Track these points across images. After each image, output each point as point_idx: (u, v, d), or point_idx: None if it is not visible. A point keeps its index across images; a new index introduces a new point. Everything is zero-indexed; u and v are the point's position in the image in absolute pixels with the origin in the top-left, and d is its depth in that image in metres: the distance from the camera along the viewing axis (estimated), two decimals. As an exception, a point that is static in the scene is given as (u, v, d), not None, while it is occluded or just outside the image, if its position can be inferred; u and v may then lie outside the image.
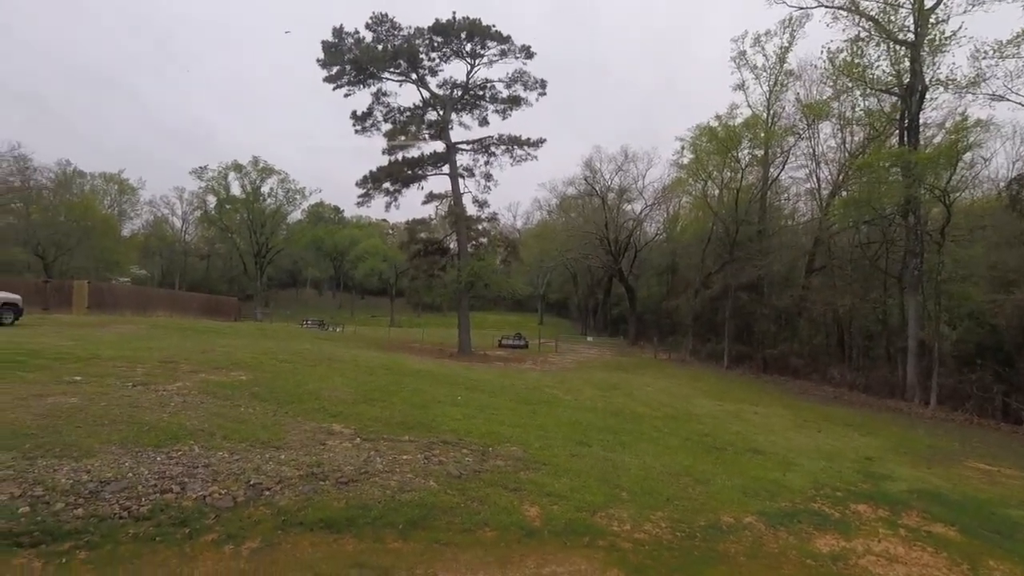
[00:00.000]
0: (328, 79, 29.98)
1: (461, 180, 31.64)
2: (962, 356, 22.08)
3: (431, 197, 32.06)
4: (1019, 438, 15.76)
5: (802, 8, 26.31)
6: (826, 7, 23.67)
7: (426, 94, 31.67)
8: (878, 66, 22.50)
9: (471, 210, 32.05)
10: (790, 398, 20.86)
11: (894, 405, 20.11)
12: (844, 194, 27.84)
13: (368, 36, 29.38)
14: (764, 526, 5.49)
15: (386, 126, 31.78)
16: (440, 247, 33.20)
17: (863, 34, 22.40)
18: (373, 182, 30.91)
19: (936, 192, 20.85)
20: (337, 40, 29.18)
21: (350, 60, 29.37)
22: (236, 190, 64.70)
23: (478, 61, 30.83)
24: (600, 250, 47.98)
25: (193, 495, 4.27)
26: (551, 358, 29.94)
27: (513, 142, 31.64)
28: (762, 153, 32.25)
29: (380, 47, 29.29)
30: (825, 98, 27.70)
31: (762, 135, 31.00)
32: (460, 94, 32.05)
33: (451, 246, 33.52)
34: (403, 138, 31.11)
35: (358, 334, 38.75)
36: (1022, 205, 20.44)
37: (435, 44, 30.08)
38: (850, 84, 24.06)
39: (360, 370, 12.71)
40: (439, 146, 31.82)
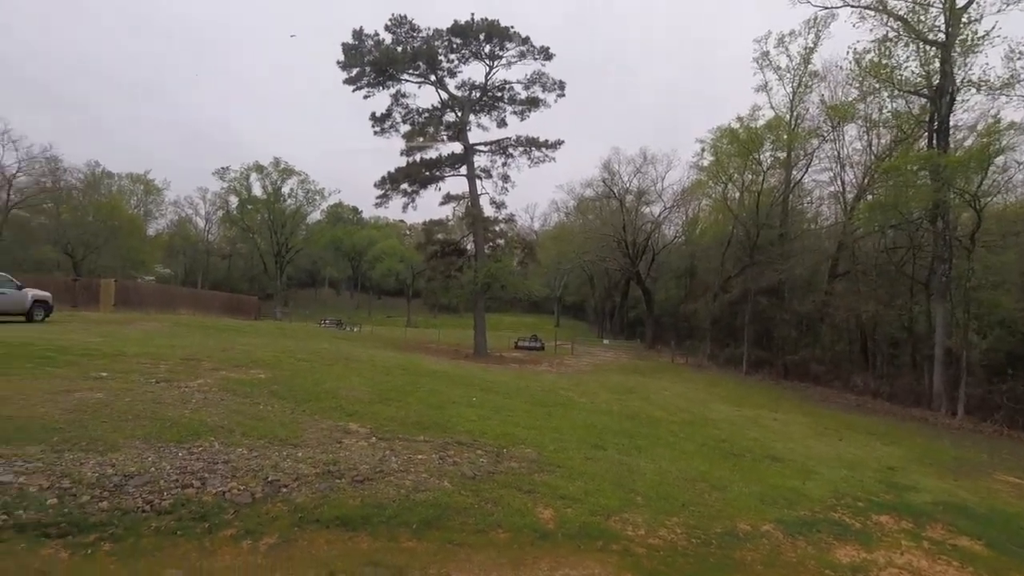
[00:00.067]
0: (348, 81, 30.39)
1: (478, 181, 31.81)
2: (992, 365, 21.46)
3: (448, 198, 32.30)
4: (1051, 450, 15.25)
5: (827, 8, 25.86)
6: (852, 7, 23.21)
7: (444, 95, 31.92)
8: (907, 67, 21.97)
9: (488, 211, 32.22)
10: (810, 405, 20.47)
11: (919, 414, 19.61)
12: (870, 198, 27.24)
13: (387, 38, 29.76)
14: (782, 535, 5.39)
15: (405, 127, 32.12)
16: (457, 248, 33.35)
17: (891, 34, 21.90)
18: (391, 183, 31.20)
19: (966, 196, 20.31)
20: (357, 42, 29.56)
21: (370, 62, 29.72)
22: (257, 191, 65.92)
23: (496, 62, 30.97)
24: (617, 252, 47.67)
25: (213, 490, 4.35)
26: (567, 360, 29.84)
27: (531, 143, 31.68)
28: (784, 155, 31.77)
29: (399, 49, 29.59)
30: (851, 100, 27.13)
31: (785, 137, 30.55)
32: (478, 95, 32.19)
33: (468, 247, 33.68)
34: (421, 139, 31.35)
35: (375, 334, 39.10)
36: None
37: (454, 46, 30.29)
38: (877, 85, 23.53)
39: (376, 370, 12.82)
40: (457, 147, 32.05)
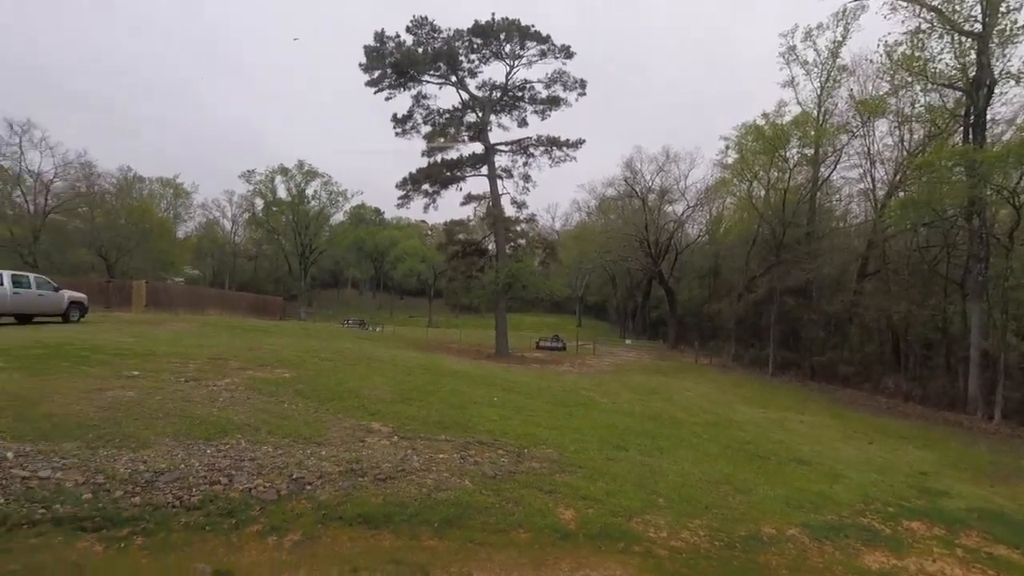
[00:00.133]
0: (370, 83, 30.67)
1: (499, 181, 31.79)
2: (1031, 368, 20.65)
3: (469, 198, 32.36)
4: (1096, 456, 14.61)
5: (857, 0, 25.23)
6: (883, -2, 22.56)
7: (465, 96, 31.99)
8: (941, 59, 21.19)
9: (509, 211, 32.19)
10: (839, 407, 20.00)
11: (953, 418, 18.98)
12: (901, 195, 26.42)
13: (409, 40, 29.92)
14: (808, 539, 5.28)
15: (426, 128, 32.28)
16: (478, 248, 33.43)
17: (924, 26, 21.15)
18: (412, 184, 31.41)
19: (1004, 193, 19.55)
20: (378, 45, 29.81)
21: (391, 64, 29.97)
22: (282, 193, 66.92)
23: (517, 62, 30.93)
24: (640, 252, 47.21)
25: (240, 487, 4.46)
26: (589, 360, 29.69)
27: (552, 143, 31.58)
28: (812, 152, 30.99)
29: (420, 50, 29.77)
30: (881, 94, 26.33)
31: (812, 133, 29.80)
32: (499, 95, 32.20)
33: (489, 247, 33.72)
34: (442, 140, 31.52)
35: (397, 334, 39.47)
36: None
37: (474, 46, 30.34)
38: (909, 79, 22.79)
39: (399, 370, 12.95)
40: (478, 147, 32.12)
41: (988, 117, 20.78)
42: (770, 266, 32.41)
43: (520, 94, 32.39)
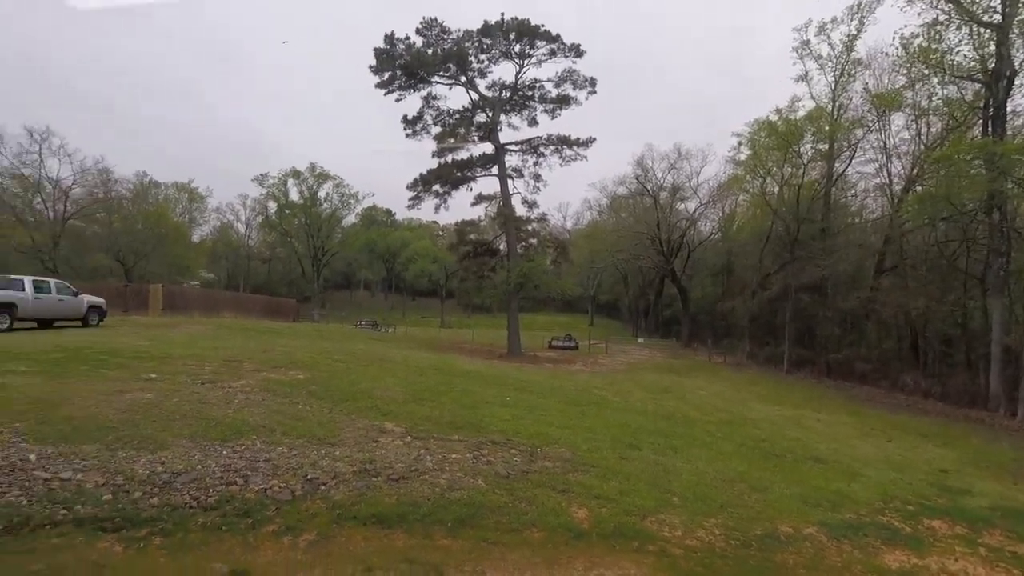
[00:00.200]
0: (380, 85, 30.88)
1: (510, 181, 31.83)
2: (1055, 363, 20.19)
3: (480, 198, 32.45)
4: (1123, 454, 14.25)
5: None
6: (900, -11, 22.17)
7: (475, 96, 32.07)
8: (959, 51, 20.79)
9: (520, 211, 32.25)
10: (856, 405, 19.71)
11: (974, 415, 18.62)
12: (919, 189, 26.02)
13: (418, 41, 30.08)
14: (826, 538, 5.20)
15: (436, 129, 32.44)
16: (489, 248, 33.49)
17: (942, 17, 20.76)
18: (423, 184, 31.56)
19: (1025, 185, 19.21)
20: (388, 46, 29.99)
21: (401, 65, 30.13)
22: (295, 195, 67.52)
23: (527, 61, 30.96)
24: (652, 250, 46.93)
25: (255, 488, 4.50)
26: (601, 359, 29.59)
27: (562, 142, 31.55)
28: (826, 147, 30.57)
29: (430, 52, 29.90)
30: (898, 87, 25.91)
31: (827, 128, 29.39)
32: (509, 95, 32.22)
33: (500, 247, 33.77)
34: (452, 140, 31.65)
35: (409, 335, 39.64)
36: None
37: (484, 46, 30.41)
38: (926, 71, 22.39)
39: (411, 370, 13.00)
40: (488, 147, 32.21)
41: (1008, 109, 20.41)
42: (784, 263, 32.06)
43: (530, 93, 32.42)
